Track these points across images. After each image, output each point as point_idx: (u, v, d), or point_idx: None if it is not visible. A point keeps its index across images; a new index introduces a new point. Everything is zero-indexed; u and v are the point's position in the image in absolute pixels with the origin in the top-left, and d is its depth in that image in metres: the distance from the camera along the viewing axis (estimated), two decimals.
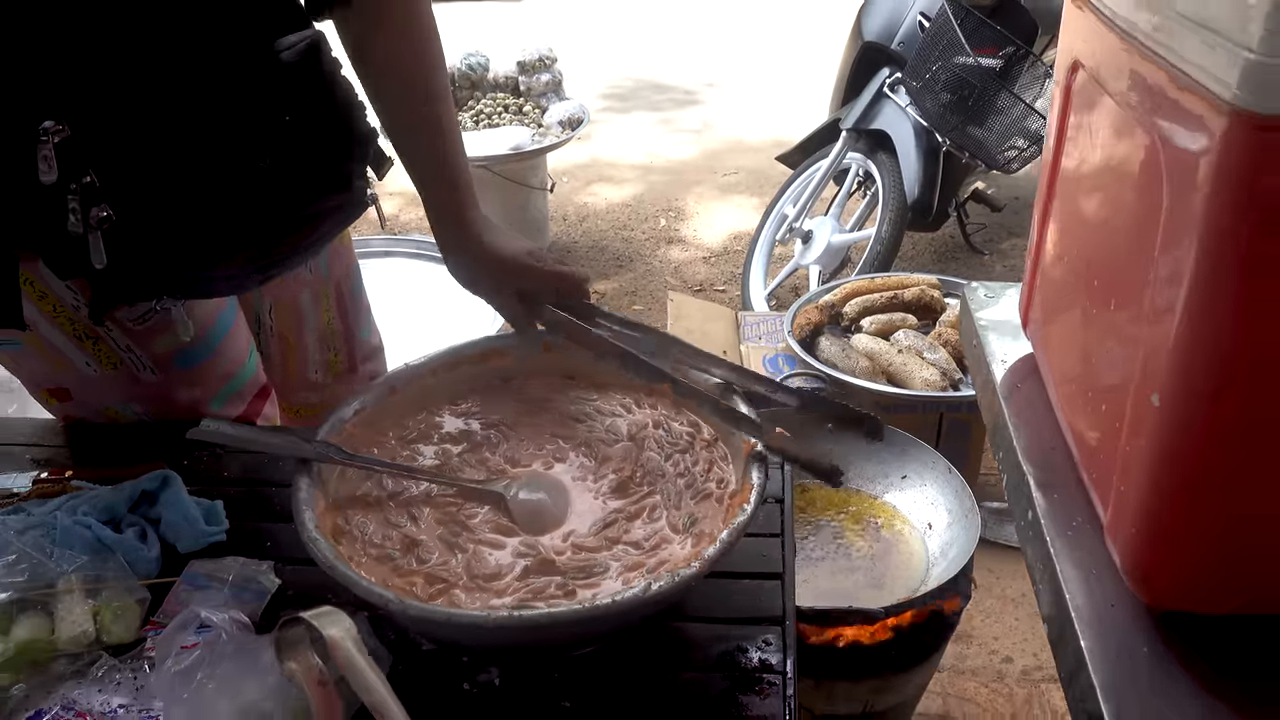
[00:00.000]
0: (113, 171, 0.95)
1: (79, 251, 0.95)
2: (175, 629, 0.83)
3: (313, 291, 1.34)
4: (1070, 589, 0.71)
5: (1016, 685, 2.04)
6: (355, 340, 1.42)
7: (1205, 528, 0.63)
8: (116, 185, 0.95)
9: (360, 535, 0.93)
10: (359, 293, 1.42)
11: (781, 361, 2.50)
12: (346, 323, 1.40)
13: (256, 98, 1.01)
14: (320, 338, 1.38)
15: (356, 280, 1.42)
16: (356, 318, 1.42)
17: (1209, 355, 0.58)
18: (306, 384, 1.40)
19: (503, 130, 3.75)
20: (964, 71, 2.99)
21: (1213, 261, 0.55)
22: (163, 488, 1.07)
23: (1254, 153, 0.52)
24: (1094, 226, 0.80)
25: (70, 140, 0.91)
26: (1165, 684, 0.64)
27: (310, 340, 1.37)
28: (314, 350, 1.38)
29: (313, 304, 1.35)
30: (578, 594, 0.86)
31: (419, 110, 1.11)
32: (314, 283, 1.34)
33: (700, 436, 1.03)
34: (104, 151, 0.94)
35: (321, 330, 1.38)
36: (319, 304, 1.36)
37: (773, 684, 0.87)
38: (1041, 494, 0.81)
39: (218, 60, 0.99)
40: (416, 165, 1.13)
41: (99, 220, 0.94)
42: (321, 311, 1.36)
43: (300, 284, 1.33)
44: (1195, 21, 0.57)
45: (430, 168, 1.12)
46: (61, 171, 0.92)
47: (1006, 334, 1.05)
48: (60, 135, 0.91)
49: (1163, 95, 0.61)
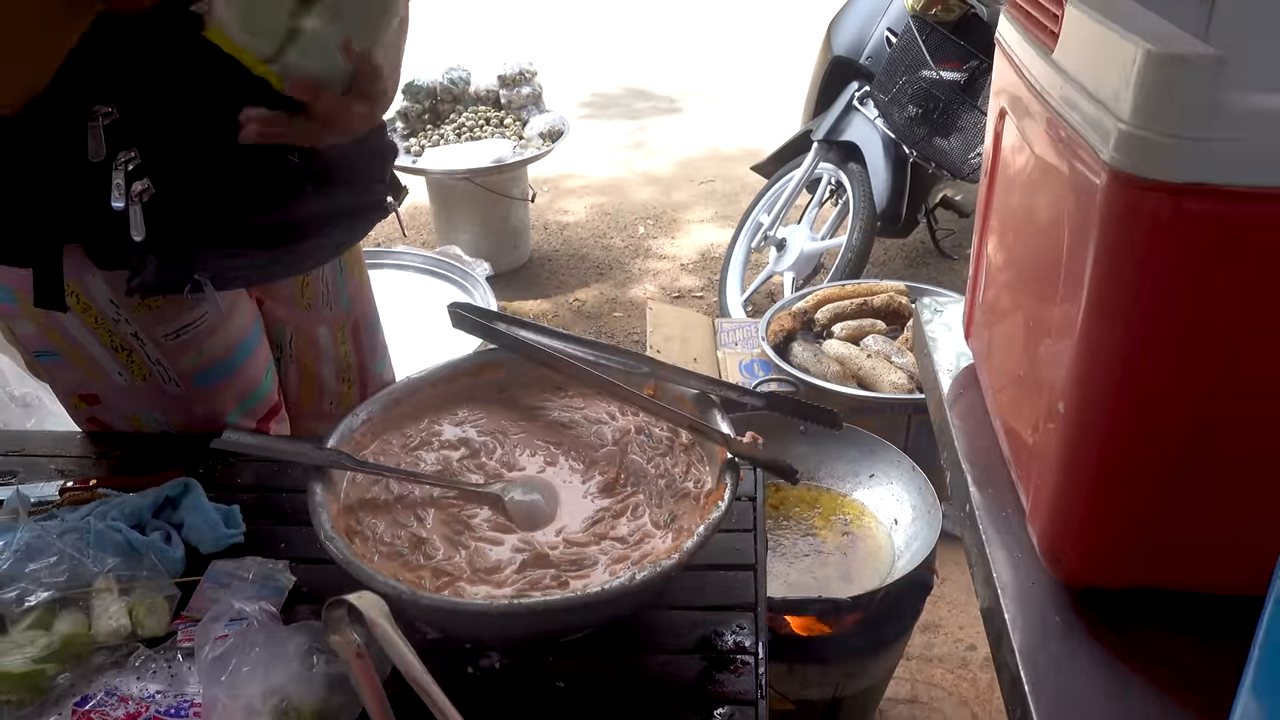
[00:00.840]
0: (154, 150, 1.06)
1: (119, 232, 1.06)
2: (210, 620, 0.91)
3: (331, 327, 1.43)
4: (998, 569, 0.83)
5: (980, 671, 2.15)
6: (369, 373, 1.50)
7: (1104, 516, 0.74)
8: (156, 163, 1.06)
9: (371, 535, 1.01)
10: (375, 330, 1.51)
11: (757, 367, 2.60)
12: (361, 356, 1.48)
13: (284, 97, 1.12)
14: (337, 370, 1.46)
15: (374, 320, 1.50)
16: (372, 353, 1.50)
17: (1102, 373, 0.69)
18: (320, 413, 1.47)
19: (484, 143, 3.82)
20: (929, 85, 3.10)
21: (1098, 295, 0.66)
22: (184, 494, 1.15)
23: (1127, 205, 0.63)
24: (1016, 253, 0.91)
25: (118, 122, 1.03)
26: (1071, 645, 0.75)
27: (327, 372, 1.45)
28: (330, 381, 1.46)
29: (331, 338, 1.43)
30: (570, 584, 0.96)
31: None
32: (333, 319, 1.43)
33: (679, 441, 1.13)
34: (147, 132, 1.05)
35: (339, 363, 1.46)
36: (336, 338, 1.44)
37: (746, 663, 0.96)
38: (977, 489, 0.92)
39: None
40: None
41: (139, 194, 1.05)
42: (339, 345, 1.45)
43: (320, 319, 1.41)
44: (1082, 87, 0.68)
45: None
46: (109, 150, 1.03)
47: (952, 346, 1.17)
48: (109, 118, 1.03)
49: (1062, 148, 0.72)
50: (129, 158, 1.05)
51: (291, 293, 1.36)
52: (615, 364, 1.18)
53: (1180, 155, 0.60)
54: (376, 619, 0.64)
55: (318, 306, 1.40)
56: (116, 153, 1.05)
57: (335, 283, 1.40)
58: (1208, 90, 0.59)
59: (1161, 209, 0.62)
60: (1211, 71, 0.58)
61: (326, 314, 1.41)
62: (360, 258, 1.47)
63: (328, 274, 1.39)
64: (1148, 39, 0.61)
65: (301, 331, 1.40)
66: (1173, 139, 0.60)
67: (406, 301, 2.65)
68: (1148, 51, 0.60)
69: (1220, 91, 0.59)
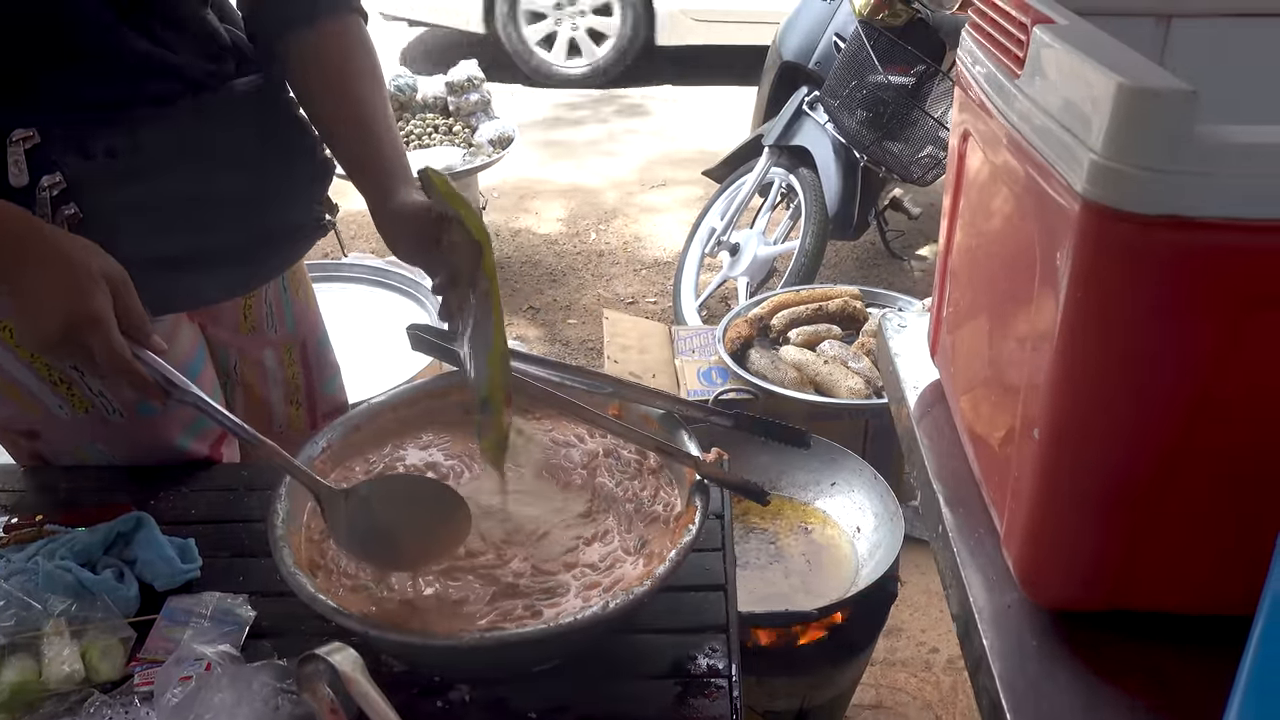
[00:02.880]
0: (78, 175, 1.03)
1: None
2: (172, 664, 0.89)
3: (277, 350, 1.40)
4: (974, 592, 0.83)
5: (943, 674, 2.17)
6: (317, 395, 1.47)
7: (1078, 541, 0.74)
8: (82, 188, 1.03)
9: (335, 568, 0.99)
10: (324, 349, 1.48)
11: (715, 374, 2.61)
12: (310, 378, 1.45)
13: (216, 115, 1.11)
14: (285, 393, 1.43)
15: (323, 339, 1.47)
16: (321, 373, 1.47)
17: (1076, 399, 0.69)
18: (271, 437, 1.44)
19: (433, 151, 3.78)
20: (878, 90, 3.13)
21: (1071, 324, 0.67)
22: (136, 528, 1.11)
23: (1099, 235, 0.63)
24: (983, 275, 0.91)
25: (40, 146, 1.00)
26: (1049, 666, 0.75)
27: (275, 395, 1.42)
28: (278, 405, 1.43)
29: (277, 361, 1.40)
30: (543, 614, 0.94)
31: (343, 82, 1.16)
32: (279, 341, 1.39)
33: (647, 464, 1.12)
34: (70, 156, 1.03)
35: (286, 385, 1.43)
36: (283, 360, 1.41)
37: (720, 687, 0.95)
38: (949, 510, 0.92)
39: (179, 80, 1.09)
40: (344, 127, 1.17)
41: (66, 219, 1.02)
42: (286, 367, 1.42)
43: (265, 342, 1.38)
44: (1051, 115, 0.68)
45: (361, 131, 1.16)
46: (31, 175, 1.00)
47: (917, 360, 1.17)
48: (29, 141, 0.99)
49: (1031, 177, 0.73)
50: (53, 182, 1.02)
51: (234, 316, 1.33)
52: (579, 385, 1.17)
53: (1152, 187, 0.61)
54: (353, 675, 0.62)
55: (261, 329, 1.36)
56: (39, 178, 1.01)
57: (280, 303, 1.37)
58: (1181, 124, 0.59)
59: (1135, 239, 0.62)
60: (1184, 105, 0.59)
61: (271, 336, 1.38)
62: (304, 276, 1.44)
63: (271, 295, 1.36)
64: (1119, 71, 0.61)
65: (246, 356, 1.37)
66: (1145, 171, 0.60)
67: (357, 316, 2.61)
68: (1119, 84, 0.60)
69: (1192, 125, 0.59)
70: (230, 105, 1.16)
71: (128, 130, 1.06)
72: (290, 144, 1.25)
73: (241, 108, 1.17)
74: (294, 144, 1.25)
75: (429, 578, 0.98)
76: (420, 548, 0.97)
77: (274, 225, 1.25)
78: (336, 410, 1.50)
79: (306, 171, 1.27)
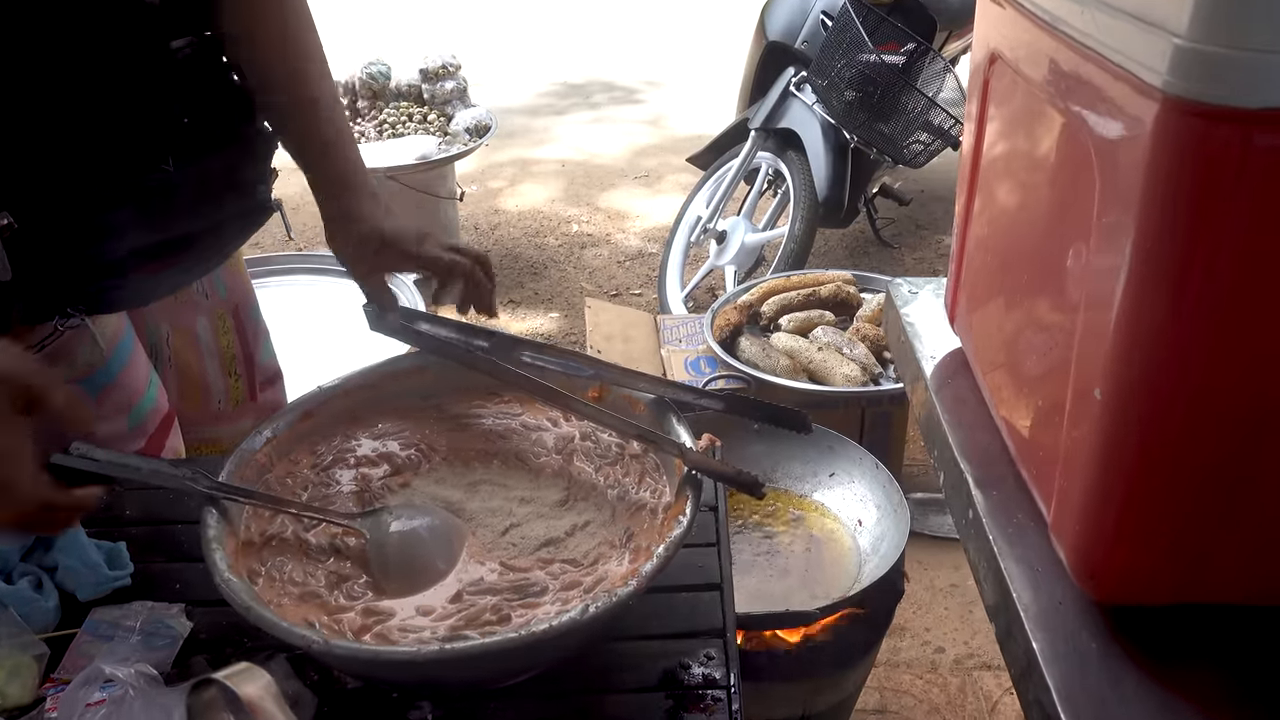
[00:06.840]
0: (9, 178, 0.93)
1: None
2: (78, 686, 0.77)
3: (210, 316, 1.31)
4: (1016, 587, 0.71)
5: (950, 674, 2.06)
6: (255, 365, 1.38)
7: (1151, 522, 0.63)
8: (14, 192, 0.94)
9: (279, 575, 0.87)
10: (257, 315, 1.39)
11: (704, 364, 2.49)
12: (245, 345, 1.36)
13: (151, 97, 1.02)
14: (221, 363, 1.34)
15: (255, 305, 1.39)
16: (256, 340, 1.38)
17: (1152, 348, 0.57)
18: (211, 415, 1.34)
19: (408, 140, 3.67)
20: (868, 69, 3.03)
21: (1149, 252, 0.55)
22: None
23: (1186, 139, 0.51)
24: (1020, 219, 0.79)
25: None
26: (1114, 674, 0.63)
27: (211, 367, 1.33)
28: (215, 378, 1.34)
29: (210, 329, 1.31)
30: (512, 619, 0.82)
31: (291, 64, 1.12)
32: (211, 307, 1.30)
33: (629, 448, 1.00)
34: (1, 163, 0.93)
35: (221, 355, 1.34)
36: (217, 328, 1.32)
37: (717, 699, 0.85)
38: (980, 492, 0.80)
39: (109, 60, 0.99)
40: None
41: (1, 230, 0.93)
42: (219, 336, 1.33)
43: (197, 309, 1.29)
44: (1122, 9, 0.56)
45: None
46: None
47: (933, 329, 1.05)
48: None
49: (1090, 85, 0.61)
50: None
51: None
52: (555, 366, 1.05)
53: (1256, 73, 0.48)
54: (259, 703, 0.49)
55: (193, 297, 1.28)
56: None
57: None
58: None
59: (1231, 141, 0.50)
60: None
61: (203, 303, 1.30)
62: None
63: None
64: None
65: (179, 327, 1.28)
66: (1246, 53, 0.48)
67: (323, 308, 2.49)
68: None
69: None
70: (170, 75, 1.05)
71: (56, 126, 0.97)
72: (224, 118, 1.14)
73: (180, 81, 1.07)
74: (227, 117, 1.14)
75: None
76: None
77: (223, 217, 1.17)
78: (274, 377, 1.43)
79: (251, 151, 1.17)
